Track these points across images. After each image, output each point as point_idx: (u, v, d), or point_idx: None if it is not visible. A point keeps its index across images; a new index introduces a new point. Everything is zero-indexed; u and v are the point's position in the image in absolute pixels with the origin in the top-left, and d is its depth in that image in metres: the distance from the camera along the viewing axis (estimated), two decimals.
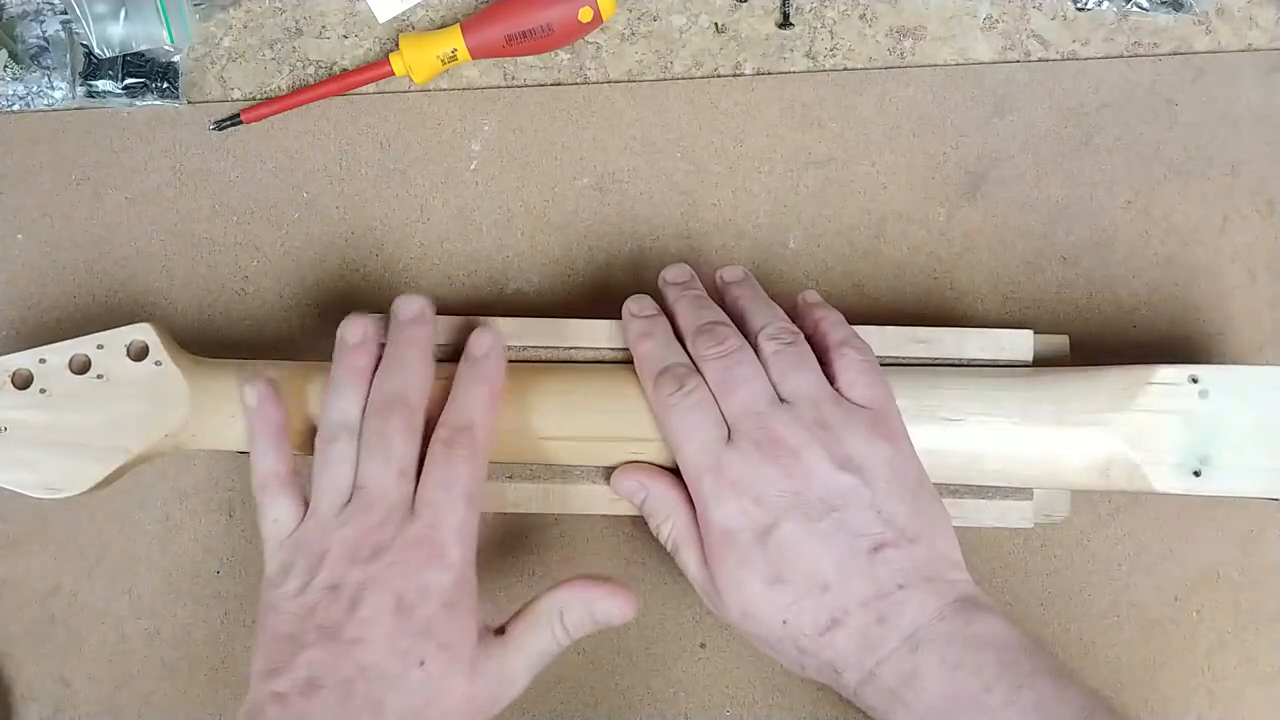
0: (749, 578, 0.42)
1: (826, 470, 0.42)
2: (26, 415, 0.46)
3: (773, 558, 0.42)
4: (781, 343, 0.44)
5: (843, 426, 0.43)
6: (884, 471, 0.42)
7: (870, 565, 0.41)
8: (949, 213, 0.53)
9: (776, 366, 0.44)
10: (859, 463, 0.42)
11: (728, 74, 0.54)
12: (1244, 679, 0.52)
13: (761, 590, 0.42)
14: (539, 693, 0.52)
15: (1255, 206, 0.53)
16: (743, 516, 0.42)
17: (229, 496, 0.53)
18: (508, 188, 0.54)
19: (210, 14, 0.54)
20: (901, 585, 0.41)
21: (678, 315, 0.47)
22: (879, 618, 0.41)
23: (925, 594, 0.41)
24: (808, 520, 0.42)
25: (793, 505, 0.42)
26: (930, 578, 0.41)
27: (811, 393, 0.43)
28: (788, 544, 0.41)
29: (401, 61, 0.52)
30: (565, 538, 0.53)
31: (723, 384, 0.44)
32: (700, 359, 0.45)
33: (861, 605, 0.41)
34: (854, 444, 0.43)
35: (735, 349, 0.44)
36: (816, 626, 0.41)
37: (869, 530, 0.42)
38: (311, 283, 0.54)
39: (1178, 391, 0.46)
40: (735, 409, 0.43)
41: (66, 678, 0.52)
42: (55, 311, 0.54)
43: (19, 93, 0.54)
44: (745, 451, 0.42)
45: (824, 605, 0.41)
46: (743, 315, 0.46)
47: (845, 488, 0.42)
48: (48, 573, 0.53)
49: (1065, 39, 0.54)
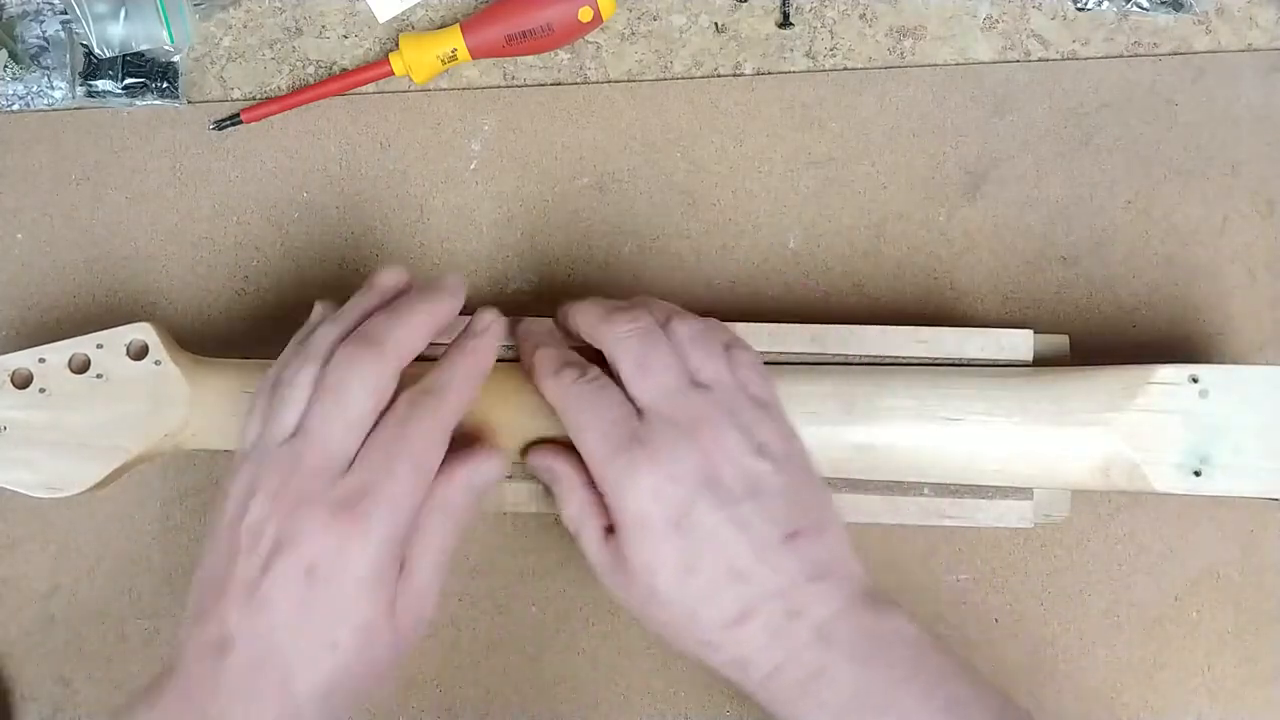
0: (659, 564, 0.40)
1: (745, 454, 0.41)
2: (26, 415, 0.46)
3: (686, 544, 0.40)
4: (696, 327, 0.44)
5: (755, 418, 0.42)
6: (792, 462, 0.42)
7: (782, 555, 0.40)
8: (949, 213, 0.53)
9: (693, 351, 0.43)
10: (773, 451, 0.42)
11: (728, 74, 0.54)
12: (1244, 679, 0.52)
13: (673, 577, 0.40)
14: (539, 692, 0.52)
15: (1255, 206, 0.53)
16: (657, 497, 0.40)
17: None
18: (508, 188, 0.54)
19: (210, 14, 0.54)
20: (810, 577, 0.40)
21: (573, 316, 0.45)
22: (788, 610, 0.40)
23: (832, 586, 0.40)
24: (724, 504, 0.40)
25: (709, 486, 0.40)
26: (834, 570, 0.41)
27: (726, 380, 0.43)
28: (703, 530, 0.40)
29: (401, 61, 0.52)
30: (565, 538, 0.52)
31: (640, 364, 0.42)
32: (611, 340, 0.43)
33: (772, 597, 0.40)
34: (765, 433, 0.42)
35: (649, 329, 0.43)
36: (726, 618, 0.40)
37: (783, 519, 0.41)
38: (311, 283, 0.54)
39: (1178, 391, 0.46)
40: (653, 389, 0.42)
41: (66, 678, 0.52)
42: (55, 311, 0.54)
43: (19, 93, 0.54)
44: (661, 430, 0.41)
45: (736, 596, 0.40)
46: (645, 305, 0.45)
47: (761, 473, 0.41)
48: (48, 573, 0.53)
49: (1065, 39, 0.54)
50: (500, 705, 0.52)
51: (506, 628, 0.52)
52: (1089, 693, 0.52)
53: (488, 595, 0.52)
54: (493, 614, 0.52)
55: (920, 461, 0.46)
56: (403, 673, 0.52)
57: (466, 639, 0.52)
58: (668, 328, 0.44)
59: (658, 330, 0.43)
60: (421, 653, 0.52)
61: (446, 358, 0.43)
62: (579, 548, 0.44)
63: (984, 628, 0.52)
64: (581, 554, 0.44)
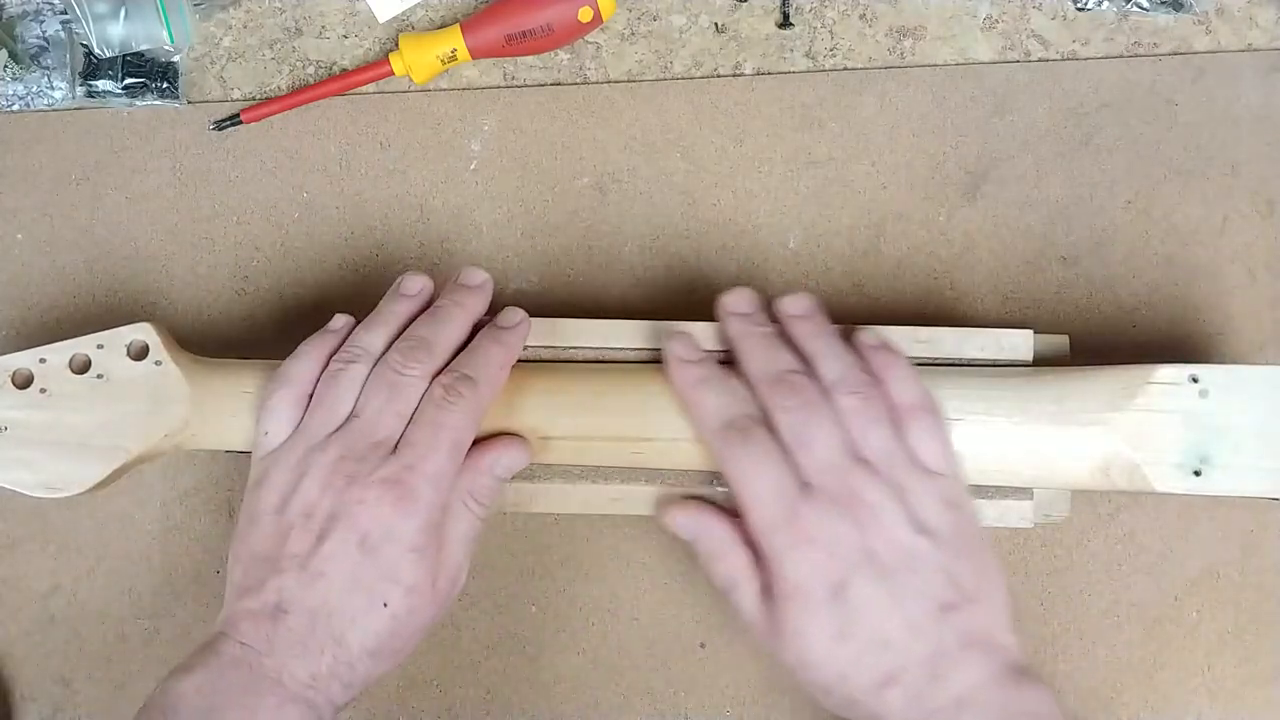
0: (815, 632, 0.42)
1: (903, 531, 0.42)
2: (26, 415, 0.46)
3: (841, 615, 0.41)
4: (861, 398, 0.44)
5: (918, 490, 0.43)
6: (954, 536, 0.43)
7: (934, 626, 0.41)
8: (949, 213, 0.53)
9: (855, 423, 0.43)
10: (932, 526, 0.42)
11: (728, 74, 0.54)
12: (1244, 679, 0.52)
13: (826, 645, 0.42)
14: (539, 692, 0.52)
15: (1255, 206, 0.53)
16: (815, 570, 0.42)
17: (229, 496, 0.53)
18: (508, 188, 0.54)
19: (210, 14, 0.54)
20: (960, 646, 0.41)
21: (744, 355, 0.46)
22: (933, 675, 0.41)
23: (980, 656, 0.41)
24: (880, 579, 0.41)
25: (866, 562, 0.42)
26: (986, 641, 0.42)
27: (889, 452, 0.43)
28: (858, 602, 0.41)
29: (401, 61, 0.52)
30: (565, 538, 0.53)
31: (800, 437, 0.43)
32: (775, 409, 0.44)
33: (919, 663, 0.41)
34: (928, 508, 0.43)
35: (813, 402, 0.44)
36: (873, 682, 0.41)
37: (938, 592, 0.42)
38: (311, 283, 0.54)
39: (1178, 391, 0.46)
40: (813, 462, 0.43)
41: (66, 678, 0.52)
42: (55, 311, 0.54)
43: (19, 93, 0.54)
44: (821, 506, 0.42)
45: (883, 662, 0.41)
46: (812, 357, 0.45)
47: (919, 549, 0.42)
48: (48, 573, 0.53)
49: (1065, 39, 0.54)
50: (500, 705, 0.52)
51: (506, 628, 0.52)
52: (1089, 693, 0.52)
53: (488, 595, 0.52)
54: (493, 614, 0.52)
55: None
56: (403, 673, 0.52)
57: (466, 639, 0.52)
58: (832, 399, 0.44)
59: (821, 403, 0.44)
60: (421, 653, 0.52)
61: (480, 347, 0.46)
62: (731, 603, 0.45)
63: None
64: (734, 610, 0.45)
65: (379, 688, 0.52)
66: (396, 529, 0.42)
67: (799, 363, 0.45)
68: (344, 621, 0.41)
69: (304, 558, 0.42)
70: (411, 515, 0.42)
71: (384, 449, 0.43)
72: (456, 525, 0.44)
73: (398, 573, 0.42)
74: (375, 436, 0.43)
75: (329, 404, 0.44)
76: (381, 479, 0.42)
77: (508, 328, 0.47)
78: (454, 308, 0.46)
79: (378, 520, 0.42)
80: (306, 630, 0.41)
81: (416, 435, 0.43)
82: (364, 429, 0.43)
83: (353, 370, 0.44)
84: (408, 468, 0.42)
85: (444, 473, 0.43)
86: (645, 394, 0.47)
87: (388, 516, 0.42)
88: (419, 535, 0.42)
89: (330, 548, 0.41)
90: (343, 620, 0.41)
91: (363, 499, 0.42)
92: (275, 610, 0.41)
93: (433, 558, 0.43)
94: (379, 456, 0.43)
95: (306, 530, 0.42)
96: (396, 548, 0.42)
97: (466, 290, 0.47)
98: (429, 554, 0.42)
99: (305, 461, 0.43)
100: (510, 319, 0.47)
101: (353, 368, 0.45)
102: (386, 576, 0.42)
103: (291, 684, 0.40)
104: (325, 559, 0.41)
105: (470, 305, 0.47)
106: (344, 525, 0.42)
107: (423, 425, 0.43)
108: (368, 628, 0.41)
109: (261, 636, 0.41)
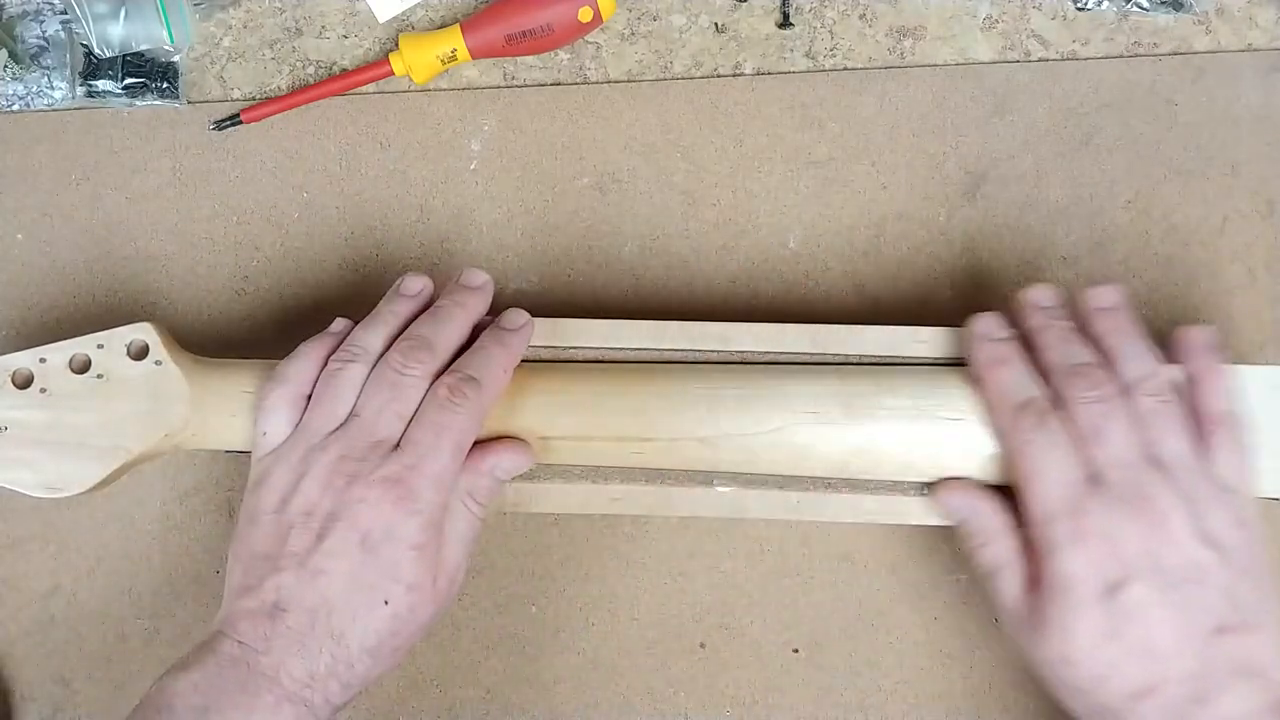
0: (1081, 629, 0.41)
1: (1190, 541, 0.41)
2: (26, 415, 0.46)
3: (1113, 615, 0.40)
4: (1161, 400, 0.43)
5: (1211, 502, 0.42)
6: (1241, 555, 0.41)
7: (1206, 645, 0.40)
8: (949, 213, 0.53)
9: (1154, 425, 0.42)
10: (1221, 541, 0.41)
11: (728, 74, 0.54)
12: None
13: (1091, 644, 0.41)
14: (539, 691, 0.52)
15: (1255, 206, 0.53)
16: (1092, 566, 0.41)
17: (229, 496, 0.53)
18: (508, 188, 0.54)
19: (210, 14, 0.54)
20: (1229, 671, 0.40)
21: (1042, 346, 0.45)
22: (1196, 696, 0.40)
23: (1251, 686, 0.40)
24: (1159, 587, 0.40)
25: (1149, 568, 0.41)
26: (1260, 673, 0.40)
27: (1186, 460, 0.42)
28: (1132, 605, 0.40)
29: (401, 61, 0.52)
30: (565, 538, 0.53)
31: (1097, 429, 0.42)
32: (1073, 399, 0.43)
33: (1181, 680, 0.40)
34: (1219, 523, 0.41)
35: (1112, 396, 0.43)
36: (1131, 690, 0.40)
37: (1216, 611, 0.40)
38: (311, 283, 0.54)
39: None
40: (1106, 457, 0.42)
41: (66, 678, 0.52)
42: (55, 311, 0.54)
43: (19, 93, 0.54)
44: (1109, 502, 0.41)
45: (1146, 671, 0.40)
46: (1113, 354, 0.44)
47: (1204, 563, 0.41)
48: (48, 573, 0.53)
49: (1065, 39, 0.54)
50: (500, 705, 0.52)
51: (506, 628, 0.52)
52: None
53: (488, 595, 0.52)
54: (493, 614, 0.52)
55: (920, 461, 0.46)
56: (403, 673, 0.52)
57: (466, 639, 0.52)
58: (1132, 398, 0.43)
59: (1120, 399, 0.43)
60: (421, 653, 0.52)
61: (484, 348, 0.46)
62: (987, 587, 0.44)
63: (984, 627, 0.52)
64: (990, 595, 0.44)
65: (379, 688, 0.52)
66: (398, 528, 0.42)
67: (1100, 359, 0.44)
68: (344, 619, 0.41)
69: (304, 556, 0.42)
70: (413, 514, 0.42)
71: (384, 448, 0.43)
72: (456, 525, 0.44)
73: (399, 571, 0.42)
74: (375, 436, 0.43)
75: (328, 403, 0.44)
76: (383, 478, 0.42)
77: (512, 330, 0.47)
78: (455, 308, 0.46)
79: (379, 519, 0.42)
80: (305, 629, 0.41)
81: (419, 435, 0.43)
82: (364, 428, 0.43)
83: (352, 370, 0.44)
84: (409, 467, 0.42)
85: (446, 473, 0.43)
86: (645, 394, 0.47)
87: (389, 515, 0.42)
88: (420, 534, 0.42)
89: (330, 546, 0.42)
90: (342, 618, 0.41)
91: (364, 498, 0.42)
92: (274, 609, 0.41)
93: (433, 557, 0.43)
94: (379, 456, 0.43)
95: (307, 529, 0.42)
96: (398, 546, 0.42)
97: (468, 291, 0.47)
98: (429, 553, 0.42)
99: (305, 461, 0.43)
100: (515, 321, 0.47)
101: (351, 367, 0.45)
102: (387, 574, 0.42)
103: (289, 683, 0.40)
104: (325, 557, 0.41)
105: (471, 306, 0.47)
106: (345, 524, 0.42)
107: (425, 425, 0.43)
108: (368, 626, 0.41)
109: (259, 635, 0.41)
